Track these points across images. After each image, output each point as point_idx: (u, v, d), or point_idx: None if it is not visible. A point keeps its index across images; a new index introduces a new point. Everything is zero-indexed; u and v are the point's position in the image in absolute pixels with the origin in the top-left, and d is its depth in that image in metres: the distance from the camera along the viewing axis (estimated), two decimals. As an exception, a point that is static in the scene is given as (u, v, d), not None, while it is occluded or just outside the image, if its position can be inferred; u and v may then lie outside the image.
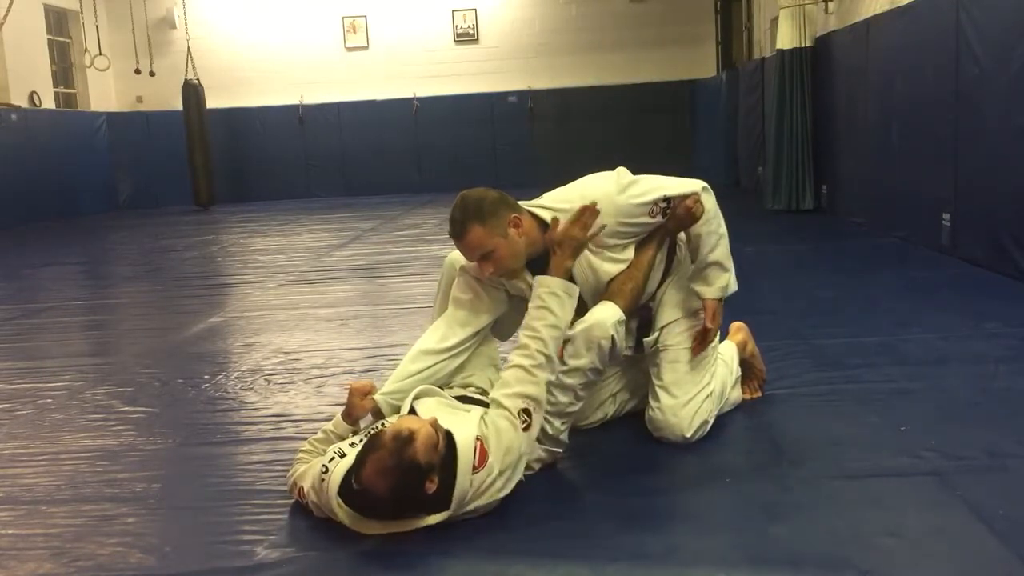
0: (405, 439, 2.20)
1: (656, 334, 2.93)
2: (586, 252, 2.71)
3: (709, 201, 2.82)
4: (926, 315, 4.44)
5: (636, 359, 3.06)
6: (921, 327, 4.18)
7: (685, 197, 2.77)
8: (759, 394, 3.25)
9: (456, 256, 2.92)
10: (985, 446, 2.68)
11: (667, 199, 2.76)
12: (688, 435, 2.81)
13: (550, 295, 2.53)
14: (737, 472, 2.66)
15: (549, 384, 2.53)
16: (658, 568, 2.11)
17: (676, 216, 2.78)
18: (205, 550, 2.33)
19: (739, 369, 3.15)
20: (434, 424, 2.30)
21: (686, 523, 2.40)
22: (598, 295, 2.75)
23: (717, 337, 3.01)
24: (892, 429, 2.88)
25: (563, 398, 2.61)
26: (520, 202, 2.76)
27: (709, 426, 2.88)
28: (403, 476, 2.19)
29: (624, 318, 2.67)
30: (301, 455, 2.63)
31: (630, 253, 2.78)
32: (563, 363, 2.59)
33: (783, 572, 2.06)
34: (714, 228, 2.82)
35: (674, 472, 2.70)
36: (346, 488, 2.27)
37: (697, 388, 2.86)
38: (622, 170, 2.83)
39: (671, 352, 2.90)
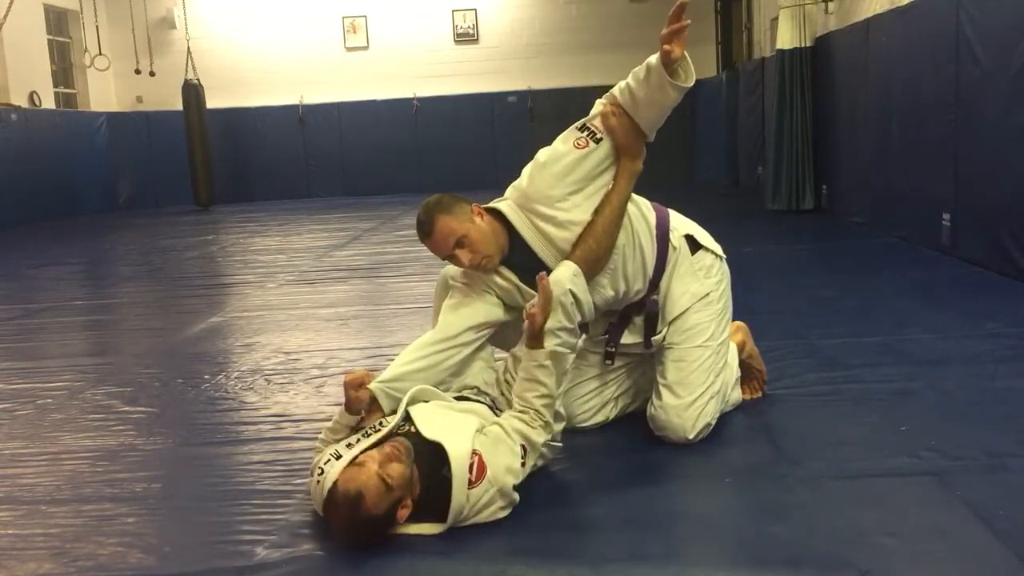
0: (353, 501, 2.18)
1: (664, 330, 2.92)
2: (537, 222, 2.71)
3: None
4: (926, 315, 4.44)
5: (639, 362, 3.06)
6: (921, 327, 4.18)
7: (598, 116, 2.74)
8: (759, 394, 3.25)
9: (448, 271, 2.92)
10: (985, 446, 2.68)
11: (583, 126, 2.75)
12: (691, 436, 2.81)
13: (538, 368, 2.54)
14: (737, 472, 2.66)
15: None
16: (658, 568, 2.11)
17: (610, 128, 2.71)
18: (205, 550, 2.33)
19: (739, 369, 3.15)
20: (382, 461, 2.23)
21: (686, 523, 2.40)
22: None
23: (728, 335, 3.01)
24: (892, 429, 2.88)
25: None
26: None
27: (711, 427, 2.88)
28: (366, 528, 2.21)
29: (579, 270, 2.63)
30: (319, 445, 2.64)
31: (580, 214, 2.71)
32: None
33: (783, 572, 2.06)
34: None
35: (674, 472, 2.70)
36: None
37: (702, 388, 2.84)
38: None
39: (677, 351, 2.88)
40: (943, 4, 5.93)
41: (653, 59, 2.64)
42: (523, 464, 2.42)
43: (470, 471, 2.28)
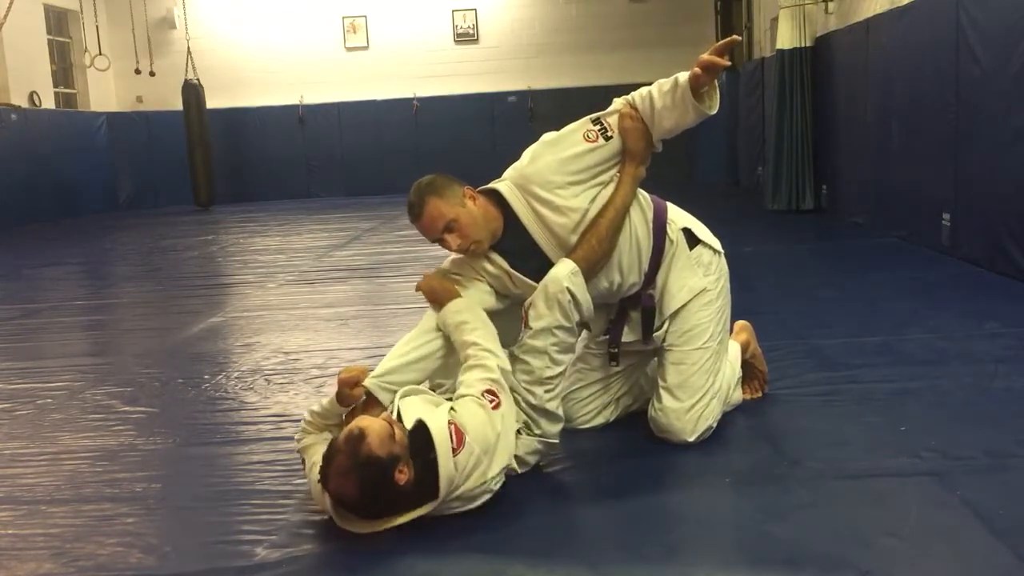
0: (357, 437, 2.21)
1: (665, 325, 2.90)
2: (534, 204, 2.69)
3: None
4: (926, 315, 4.44)
5: (640, 362, 3.06)
6: (921, 327, 4.18)
7: (615, 113, 2.73)
8: (759, 394, 3.25)
9: (442, 266, 2.91)
10: (985, 446, 2.68)
11: (596, 120, 2.74)
12: (691, 439, 2.80)
13: (455, 314, 2.64)
14: (737, 472, 2.66)
15: (522, 353, 2.61)
16: (658, 568, 2.11)
17: (624, 129, 2.70)
18: (205, 550, 2.33)
19: (740, 370, 3.14)
20: (387, 418, 2.31)
21: (686, 523, 2.40)
22: (562, 250, 2.70)
23: (727, 338, 3.01)
24: (892, 429, 2.88)
25: (536, 363, 2.61)
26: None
27: (713, 429, 2.87)
28: (365, 473, 2.19)
29: (578, 269, 2.63)
30: (304, 426, 2.65)
31: (580, 201, 2.69)
32: (528, 327, 2.62)
33: (783, 572, 2.06)
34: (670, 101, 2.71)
35: (674, 472, 2.70)
36: None
37: (703, 391, 2.83)
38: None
39: (676, 353, 2.87)
40: (943, 4, 5.93)
41: (682, 77, 2.65)
42: (496, 405, 2.41)
43: (451, 440, 2.30)
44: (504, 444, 2.40)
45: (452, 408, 2.41)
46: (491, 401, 2.42)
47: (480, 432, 2.35)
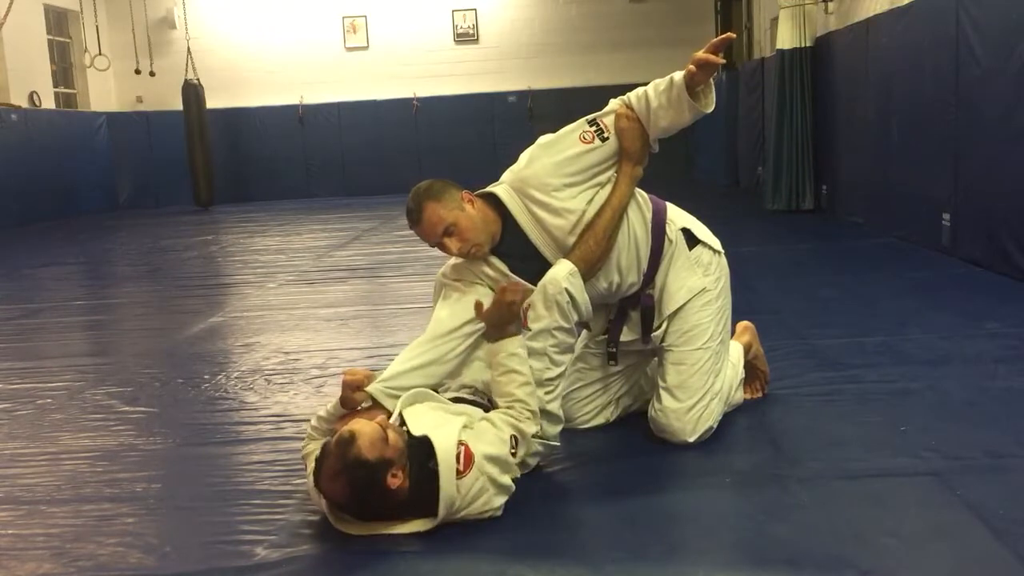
0: (347, 440, 2.20)
1: (664, 324, 2.89)
2: (531, 207, 2.69)
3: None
4: (926, 315, 4.44)
5: (640, 362, 3.05)
6: (921, 327, 4.18)
7: (611, 113, 2.73)
8: (760, 394, 3.25)
9: (442, 271, 2.91)
10: (985, 446, 2.68)
11: (592, 121, 2.74)
12: (691, 440, 2.80)
13: (510, 357, 2.55)
14: (737, 472, 2.66)
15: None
16: (658, 568, 2.11)
17: (620, 129, 2.70)
18: (205, 550, 2.33)
19: (743, 371, 3.14)
20: (382, 422, 2.29)
21: (686, 523, 2.40)
22: (560, 252, 2.70)
23: (728, 337, 3.00)
24: (892, 429, 2.88)
25: (536, 364, 2.60)
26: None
27: (713, 430, 2.86)
28: (354, 476, 2.19)
29: (576, 270, 2.63)
30: (309, 431, 2.65)
31: (577, 203, 2.69)
32: (527, 329, 2.61)
33: (783, 572, 2.06)
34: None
35: (674, 472, 2.70)
36: None
37: (702, 392, 2.82)
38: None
39: (676, 353, 2.86)
40: (943, 4, 5.93)
41: (678, 75, 2.64)
42: (514, 454, 2.41)
43: (457, 461, 2.27)
44: (508, 481, 2.38)
45: (468, 427, 2.39)
46: (512, 447, 2.42)
47: (491, 464, 2.31)
